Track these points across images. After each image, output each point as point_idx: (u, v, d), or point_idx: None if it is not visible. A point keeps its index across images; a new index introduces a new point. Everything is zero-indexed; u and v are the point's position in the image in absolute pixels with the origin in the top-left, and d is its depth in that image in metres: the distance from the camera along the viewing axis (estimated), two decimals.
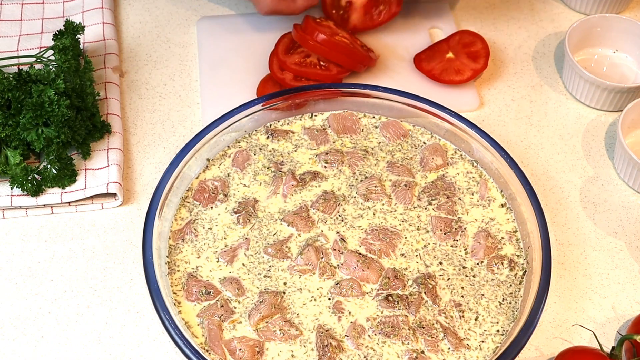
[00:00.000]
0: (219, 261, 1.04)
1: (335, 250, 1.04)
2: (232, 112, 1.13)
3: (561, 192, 1.16)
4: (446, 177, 1.12)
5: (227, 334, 0.98)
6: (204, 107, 1.22)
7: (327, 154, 1.13)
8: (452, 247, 1.06)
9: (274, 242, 1.05)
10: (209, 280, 1.02)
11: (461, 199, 1.10)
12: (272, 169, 1.12)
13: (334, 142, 1.16)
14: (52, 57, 1.18)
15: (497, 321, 0.99)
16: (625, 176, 1.16)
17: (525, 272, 1.03)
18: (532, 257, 1.03)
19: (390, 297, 1.00)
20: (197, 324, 0.98)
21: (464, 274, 1.03)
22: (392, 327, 0.98)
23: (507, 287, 1.02)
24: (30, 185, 1.08)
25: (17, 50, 1.26)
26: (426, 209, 1.09)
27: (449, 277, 1.03)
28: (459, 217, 1.08)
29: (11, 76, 1.10)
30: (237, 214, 1.07)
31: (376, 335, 0.98)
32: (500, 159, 1.10)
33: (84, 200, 1.11)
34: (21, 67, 1.19)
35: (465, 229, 1.07)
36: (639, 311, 1.05)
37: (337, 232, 1.06)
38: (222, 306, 0.99)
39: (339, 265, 1.03)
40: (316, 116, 1.18)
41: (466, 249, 1.05)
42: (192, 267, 1.03)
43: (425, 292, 1.00)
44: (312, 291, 1.01)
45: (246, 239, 1.05)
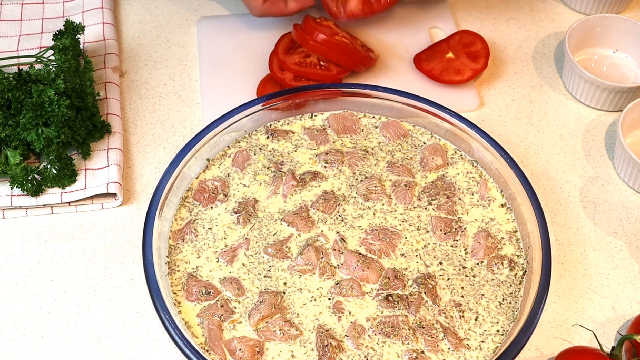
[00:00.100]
0: (219, 261, 1.04)
1: (335, 250, 1.04)
2: (232, 112, 1.13)
3: (561, 192, 1.16)
4: (446, 177, 1.12)
5: (227, 334, 0.98)
6: (204, 107, 1.22)
7: (327, 154, 1.13)
8: (452, 247, 1.05)
9: (274, 242, 1.05)
10: (209, 280, 1.02)
11: (461, 199, 1.10)
12: (272, 169, 1.12)
13: (334, 142, 1.16)
14: (52, 57, 1.18)
15: (497, 321, 0.99)
16: (625, 176, 1.16)
17: (525, 272, 1.03)
18: (532, 257, 1.03)
19: (390, 297, 1.00)
20: (197, 324, 0.98)
21: (464, 274, 1.03)
22: (392, 327, 0.98)
23: (507, 287, 1.02)
24: (30, 185, 1.08)
25: (17, 50, 1.26)
26: (426, 209, 1.09)
27: (449, 277, 1.03)
28: (459, 217, 1.08)
29: (11, 76, 1.10)
30: (237, 214, 1.07)
31: (376, 335, 0.98)
32: (500, 159, 1.10)
33: (84, 200, 1.11)
34: (21, 67, 1.19)
35: (465, 229, 1.07)
36: (639, 311, 1.05)
37: (337, 232, 1.06)
38: (222, 306, 0.99)
39: (339, 265, 1.03)
40: (316, 116, 1.18)
41: (466, 249, 1.05)
42: (192, 267, 1.03)
43: (425, 292, 1.00)
44: (312, 291, 1.01)
45: (246, 239, 1.05)
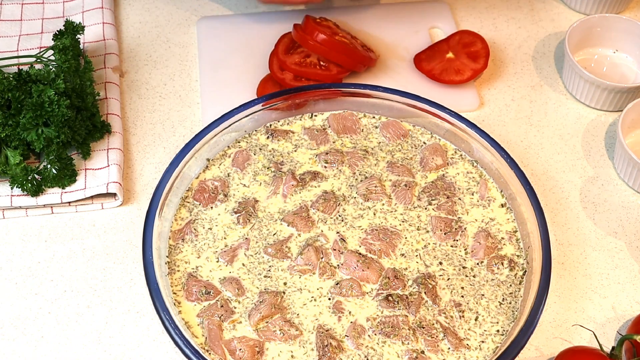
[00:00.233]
0: (219, 261, 1.04)
1: (335, 250, 1.04)
2: (232, 112, 1.13)
3: (561, 192, 1.16)
4: (446, 177, 1.12)
5: (227, 334, 0.98)
6: (204, 107, 1.22)
7: (327, 154, 1.13)
8: (452, 247, 1.05)
9: (274, 242, 1.05)
10: (209, 280, 1.02)
11: (461, 199, 1.10)
12: (272, 169, 1.12)
13: (334, 142, 1.16)
14: (52, 57, 1.18)
15: (497, 321, 0.99)
16: (625, 176, 1.16)
17: (525, 272, 1.03)
18: (532, 257, 1.03)
19: (390, 297, 1.00)
20: (197, 324, 0.98)
21: (464, 274, 1.03)
22: (392, 327, 0.98)
23: (507, 287, 1.02)
24: (30, 185, 1.08)
25: (17, 50, 1.26)
26: (426, 209, 1.09)
27: (449, 277, 1.03)
28: (459, 217, 1.08)
29: (11, 76, 1.10)
30: (237, 214, 1.07)
31: (376, 335, 0.98)
32: (500, 159, 1.10)
33: (84, 200, 1.11)
34: (21, 67, 1.19)
35: (465, 229, 1.07)
36: (639, 311, 1.05)
37: (337, 232, 1.06)
38: (222, 306, 0.99)
39: (339, 265, 1.03)
40: (316, 116, 1.18)
41: (466, 249, 1.05)
42: (192, 267, 1.03)
43: (425, 292, 1.00)
44: (312, 291, 1.01)
45: (246, 239, 1.05)
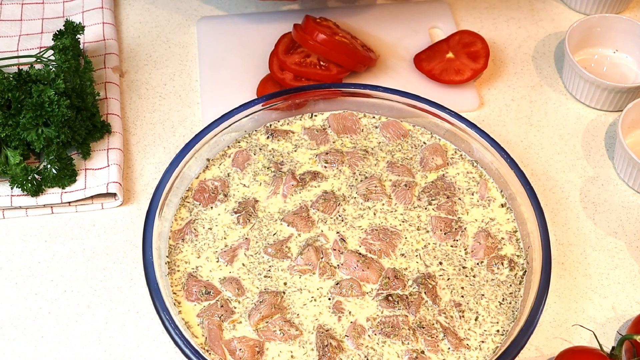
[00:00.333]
0: (219, 261, 1.04)
1: (335, 250, 1.04)
2: (232, 112, 1.13)
3: (561, 192, 1.16)
4: (446, 177, 1.12)
5: (227, 334, 0.98)
6: (204, 107, 1.22)
7: (327, 154, 1.13)
8: (452, 247, 1.05)
9: (274, 242, 1.05)
10: (209, 280, 1.02)
11: (461, 199, 1.10)
12: (272, 169, 1.12)
13: (334, 142, 1.16)
14: (52, 57, 1.18)
15: (497, 321, 0.99)
16: (625, 176, 1.16)
17: (525, 272, 1.03)
18: (532, 257, 1.03)
19: (390, 297, 1.00)
20: (197, 324, 0.98)
21: (464, 274, 1.03)
22: (392, 327, 0.98)
23: (507, 287, 1.02)
24: (30, 185, 1.08)
25: (17, 50, 1.26)
26: (426, 209, 1.09)
27: (449, 277, 1.03)
28: (459, 217, 1.08)
29: (11, 76, 1.10)
30: (237, 214, 1.07)
31: (376, 335, 0.98)
32: (500, 159, 1.10)
33: (84, 200, 1.11)
34: (21, 67, 1.19)
35: (465, 229, 1.07)
36: (639, 311, 1.05)
37: (337, 232, 1.06)
38: (222, 306, 0.99)
39: (339, 265, 1.03)
40: (316, 116, 1.18)
41: (466, 249, 1.05)
42: (192, 267, 1.03)
43: (425, 292, 1.00)
44: (312, 291, 1.01)
45: (246, 239, 1.05)
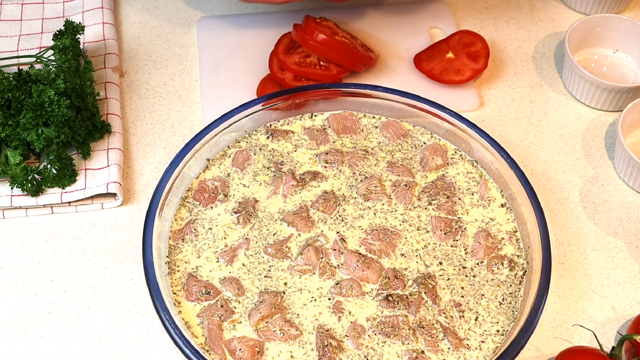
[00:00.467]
0: (219, 261, 1.04)
1: (335, 250, 1.04)
2: (232, 112, 1.13)
3: (561, 192, 1.16)
4: (446, 177, 1.12)
5: (227, 334, 0.98)
6: (204, 107, 1.22)
7: (327, 154, 1.13)
8: (452, 247, 1.05)
9: (274, 242, 1.05)
10: (209, 280, 1.02)
11: (461, 199, 1.10)
12: (272, 169, 1.12)
13: (334, 142, 1.16)
14: (52, 57, 1.18)
15: (497, 321, 0.99)
16: (625, 176, 1.16)
17: (525, 272, 1.03)
18: (532, 257, 1.03)
19: (390, 297, 1.00)
20: (197, 324, 0.98)
21: (464, 274, 1.03)
22: (392, 327, 0.98)
23: (507, 287, 1.02)
24: (30, 185, 1.08)
25: (17, 50, 1.26)
26: (426, 209, 1.09)
27: (449, 277, 1.03)
28: (459, 217, 1.08)
29: (11, 76, 1.10)
30: (237, 214, 1.07)
31: (376, 335, 0.98)
32: (500, 159, 1.10)
33: (84, 200, 1.11)
34: (21, 67, 1.19)
35: (465, 229, 1.07)
36: (639, 311, 1.05)
37: (337, 232, 1.06)
38: (222, 306, 0.99)
39: (339, 265, 1.03)
40: (316, 116, 1.18)
41: (466, 249, 1.05)
42: (192, 267, 1.03)
43: (425, 292, 1.00)
44: (312, 291, 1.01)
45: (246, 239, 1.05)
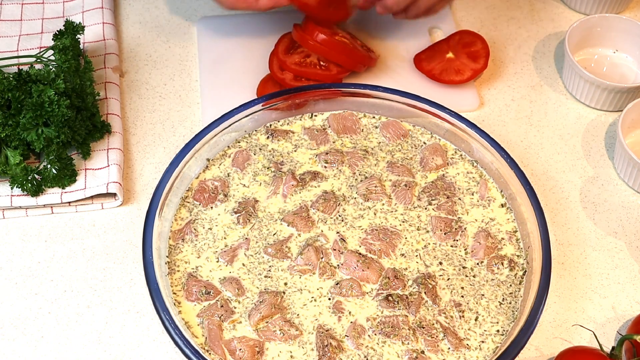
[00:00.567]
0: (219, 261, 1.04)
1: (335, 250, 1.04)
2: (232, 112, 1.13)
3: (561, 192, 1.16)
4: (446, 177, 1.12)
5: (227, 334, 0.98)
6: (204, 107, 1.22)
7: (327, 154, 1.13)
8: (452, 247, 1.05)
9: (274, 242, 1.05)
10: (209, 280, 1.02)
11: (461, 199, 1.10)
12: (272, 169, 1.12)
13: (334, 142, 1.16)
14: (52, 57, 1.18)
15: (497, 321, 0.99)
16: (625, 176, 1.16)
17: (525, 272, 1.03)
18: (532, 257, 1.02)
19: (390, 297, 1.00)
20: (197, 324, 0.98)
21: (464, 274, 1.03)
22: (392, 327, 0.98)
23: (507, 287, 1.02)
24: (30, 185, 1.08)
25: (17, 50, 1.26)
26: (426, 209, 1.09)
27: (449, 277, 1.03)
28: (459, 217, 1.08)
29: (11, 76, 1.09)
30: (237, 214, 1.07)
31: (376, 335, 0.98)
32: (500, 159, 1.10)
33: (84, 200, 1.11)
34: (21, 67, 1.19)
35: (465, 229, 1.07)
36: (639, 311, 1.05)
37: (337, 232, 1.06)
38: (222, 306, 0.99)
39: (339, 265, 1.03)
40: (316, 116, 1.18)
41: (466, 249, 1.05)
42: (192, 267, 1.03)
43: (425, 292, 1.00)
44: (312, 291, 1.01)
45: (246, 239, 1.05)
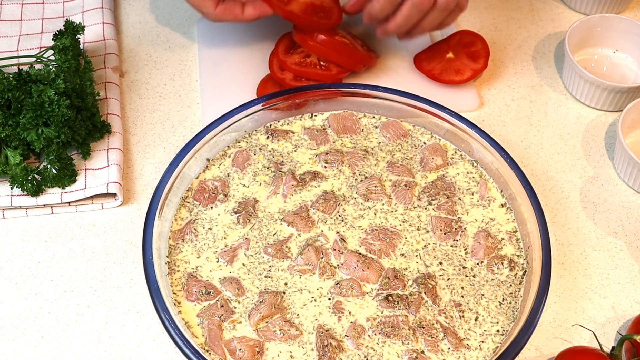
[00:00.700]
0: (219, 261, 1.04)
1: (335, 250, 1.04)
2: (232, 112, 1.13)
3: (561, 192, 1.16)
4: (446, 177, 1.12)
5: (227, 334, 0.98)
6: (204, 107, 1.22)
7: (327, 154, 1.13)
8: (452, 247, 1.05)
9: (274, 242, 1.05)
10: (209, 280, 1.02)
11: (461, 199, 1.10)
12: (272, 169, 1.12)
13: (334, 142, 1.16)
14: (52, 57, 1.18)
15: (497, 321, 0.99)
16: (625, 176, 1.16)
17: (525, 272, 1.03)
18: (532, 257, 1.02)
19: (390, 297, 1.00)
20: (197, 324, 0.98)
21: (464, 274, 1.03)
22: (392, 327, 0.98)
23: (507, 287, 1.02)
24: (30, 185, 1.08)
25: (17, 50, 1.26)
26: (426, 209, 1.09)
27: (449, 277, 1.03)
28: (459, 217, 1.08)
29: (11, 76, 1.10)
30: (237, 214, 1.07)
31: (376, 335, 0.98)
32: (500, 159, 1.10)
33: (84, 200, 1.11)
34: (21, 67, 1.19)
35: (465, 229, 1.07)
36: (639, 311, 1.05)
37: (337, 232, 1.06)
38: (222, 306, 0.99)
39: (339, 265, 1.03)
40: (316, 116, 1.18)
41: (466, 249, 1.05)
42: (192, 267, 1.03)
43: (425, 292, 1.00)
44: (312, 291, 1.01)
45: (246, 239, 1.05)
